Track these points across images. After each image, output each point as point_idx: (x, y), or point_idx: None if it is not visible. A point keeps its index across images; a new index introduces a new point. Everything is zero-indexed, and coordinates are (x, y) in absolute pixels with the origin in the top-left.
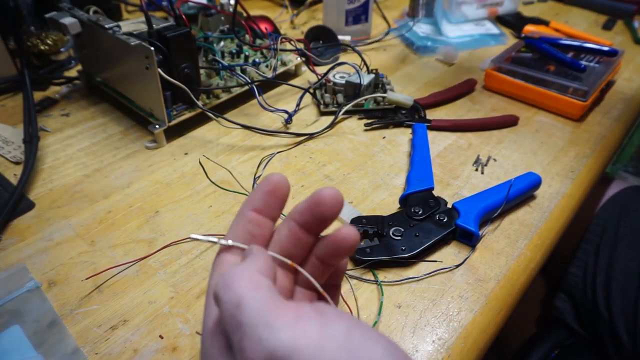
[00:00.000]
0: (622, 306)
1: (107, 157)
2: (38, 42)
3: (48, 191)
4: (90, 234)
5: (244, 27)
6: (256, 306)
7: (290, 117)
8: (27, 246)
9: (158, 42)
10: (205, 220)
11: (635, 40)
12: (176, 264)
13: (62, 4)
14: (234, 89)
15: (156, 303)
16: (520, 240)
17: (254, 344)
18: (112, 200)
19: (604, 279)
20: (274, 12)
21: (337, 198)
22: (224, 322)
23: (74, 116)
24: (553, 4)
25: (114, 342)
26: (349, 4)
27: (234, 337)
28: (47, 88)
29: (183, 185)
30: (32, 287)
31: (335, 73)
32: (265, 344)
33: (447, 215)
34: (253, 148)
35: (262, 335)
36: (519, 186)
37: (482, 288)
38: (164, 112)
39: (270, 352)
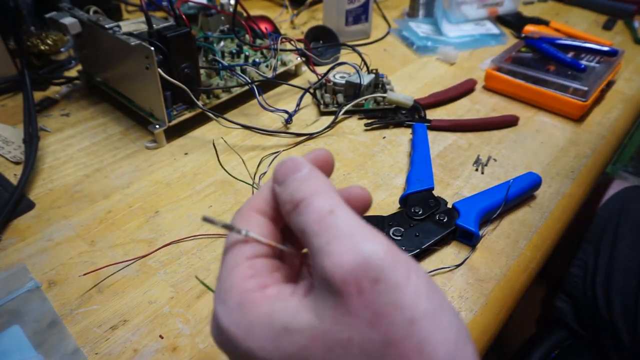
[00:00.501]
0: (622, 306)
1: (107, 157)
2: (38, 42)
3: (48, 191)
4: (91, 234)
5: (244, 27)
6: (352, 216)
7: (291, 117)
8: (27, 246)
9: (158, 42)
10: None
11: (635, 40)
12: (176, 264)
13: (62, 4)
14: (234, 89)
15: (156, 303)
16: (520, 240)
17: (348, 248)
18: (112, 200)
19: (604, 279)
20: (274, 12)
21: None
22: (303, 226)
23: (74, 116)
24: (553, 3)
25: (114, 342)
26: (349, 4)
27: (315, 239)
28: (47, 88)
29: (183, 185)
30: (32, 287)
31: (335, 73)
32: (363, 248)
33: (447, 215)
34: (253, 148)
35: (358, 240)
36: (519, 186)
37: (482, 288)
38: (164, 112)
39: (365, 258)
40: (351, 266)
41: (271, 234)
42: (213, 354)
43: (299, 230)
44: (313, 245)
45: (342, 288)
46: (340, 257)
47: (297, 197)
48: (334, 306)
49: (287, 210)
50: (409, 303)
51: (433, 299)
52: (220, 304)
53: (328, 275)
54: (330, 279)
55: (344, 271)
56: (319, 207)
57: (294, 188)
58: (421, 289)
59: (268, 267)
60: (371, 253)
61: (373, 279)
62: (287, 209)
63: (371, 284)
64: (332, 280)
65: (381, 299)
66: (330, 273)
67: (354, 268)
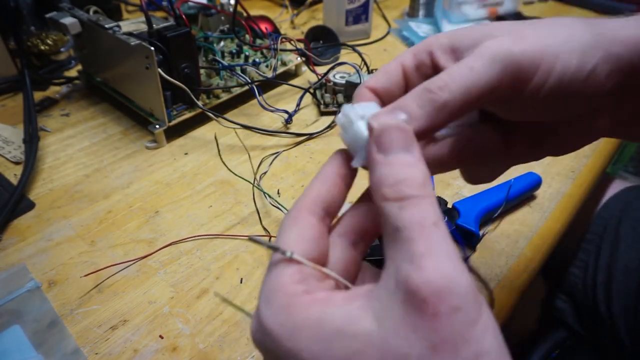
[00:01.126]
0: (623, 307)
1: (107, 157)
2: (38, 42)
3: (48, 191)
4: (91, 234)
5: (244, 27)
6: (448, 235)
7: (291, 117)
8: (27, 246)
9: (158, 42)
10: (206, 220)
11: None
12: (176, 264)
13: (62, 4)
14: (234, 89)
15: (156, 303)
16: (520, 241)
17: (441, 268)
18: (112, 200)
19: (605, 280)
20: (274, 12)
21: None
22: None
23: (74, 116)
24: (553, 3)
25: (114, 342)
26: (349, 4)
27: (411, 244)
28: (47, 88)
29: (183, 185)
30: (32, 287)
31: (335, 73)
32: (455, 275)
33: (447, 215)
34: (253, 148)
35: (452, 265)
36: (519, 186)
37: (483, 288)
38: (164, 112)
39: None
40: (439, 287)
41: (321, 236)
42: (213, 354)
43: (392, 223)
44: (406, 249)
45: (421, 305)
46: (431, 274)
47: (406, 192)
48: (403, 318)
49: (383, 193)
50: (477, 338)
51: (498, 340)
52: (264, 304)
53: (412, 287)
54: (413, 291)
55: (429, 289)
56: (426, 213)
57: (402, 174)
58: (490, 328)
59: (317, 274)
60: (460, 282)
61: (454, 306)
62: (385, 192)
63: (450, 311)
64: (415, 293)
65: (455, 328)
66: (415, 285)
67: (440, 290)
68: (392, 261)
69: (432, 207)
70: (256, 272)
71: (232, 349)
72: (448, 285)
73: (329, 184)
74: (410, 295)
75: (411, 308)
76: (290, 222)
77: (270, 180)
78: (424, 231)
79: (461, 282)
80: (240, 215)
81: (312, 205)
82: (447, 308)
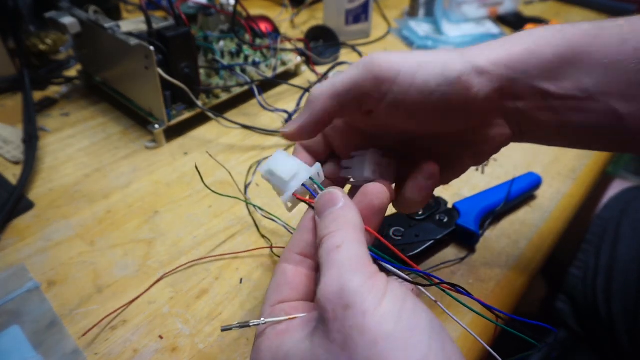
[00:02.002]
0: (623, 308)
1: (107, 157)
2: (37, 41)
3: (48, 191)
4: (90, 234)
5: (244, 27)
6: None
7: (291, 117)
8: (26, 246)
9: (158, 41)
10: (205, 220)
11: None
12: (176, 264)
13: (61, 4)
14: (233, 89)
15: (156, 303)
16: (520, 241)
17: (334, 277)
18: (112, 200)
19: (605, 280)
20: (273, 12)
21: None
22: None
23: (73, 116)
24: (553, 3)
25: (114, 342)
26: (349, 4)
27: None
28: (46, 88)
29: (183, 185)
30: (32, 288)
31: (335, 73)
32: (343, 278)
33: (447, 215)
34: (253, 148)
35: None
36: (520, 186)
37: (483, 288)
38: (164, 112)
39: (342, 286)
40: (331, 294)
41: (293, 277)
42: (213, 354)
43: (319, 261)
44: (320, 275)
45: (324, 314)
46: (326, 286)
47: (324, 233)
48: (322, 332)
49: (317, 243)
50: (373, 326)
51: (402, 322)
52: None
53: (317, 302)
54: (319, 305)
55: (325, 298)
56: (332, 242)
57: (326, 223)
58: (390, 312)
59: (286, 310)
60: (348, 282)
61: (344, 305)
62: (317, 242)
63: (343, 310)
64: (319, 307)
65: (348, 323)
66: (318, 300)
67: (332, 295)
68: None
69: (340, 234)
70: (256, 272)
71: (231, 349)
72: (337, 290)
73: (299, 230)
74: (319, 310)
75: (321, 320)
76: (274, 273)
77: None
78: (330, 255)
79: (350, 282)
80: (239, 215)
81: (287, 254)
82: (340, 308)
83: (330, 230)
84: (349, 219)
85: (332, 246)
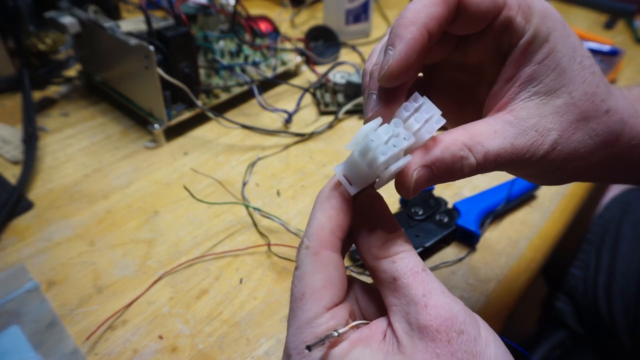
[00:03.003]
0: (623, 308)
1: (107, 157)
2: (37, 41)
3: (47, 191)
4: (90, 234)
5: (244, 27)
6: (434, 276)
7: (290, 117)
8: (26, 246)
9: (158, 41)
10: (205, 220)
11: (636, 39)
12: (176, 264)
13: (61, 4)
14: (233, 89)
15: (156, 303)
16: (520, 241)
17: (441, 303)
18: (112, 200)
19: (605, 281)
20: (273, 12)
21: None
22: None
23: (73, 116)
24: (554, 3)
25: (114, 343)
26: (349, 3)
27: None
28: (46, 88)
29: (184, 182)
30: (31, 288)
31: (335, 73)
32: (453, 306)
33: (447, 216)
34: (253, 148)
35: (448, 299)
36: (520, 186)
37: (483, 288)
38: (164, 112)
39: (454, 314)
40: (444, 318)
41: (343, 270)
42: (212, 354)
43: (389, 275)
44: (407, 294)
45: (436, 335)
46: (437, 310)
47: (395, 249)
48: (425, 351)
49: (375, 254)
50: (482, 351)
51: (498, 346)
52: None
53: (424, 323)
54: (427, 326)
55: (438, 322)
56: (414, 262)
57: (388, 236)
58: (490, 339)
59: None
60: (458, 310)
61: (459, 331)
62: (378, 253)
63: (457, 335)
64: (429, 328)
65: (463, 348)
66: (427, 321)
67: (446, 320)
68: (396, 307)
69: (417, 258)
70: (256, 272)
71: (231, 349)
72: (450, 315)
73: (338, 211)
74: (426, 331)
75: (430, 340)
76: (316, 262)
77: (269, 180)
78: (417, 276)
79: (459, 310)
80: (239, 215)
81: (330, 237)
82: (455, 333)
83: (400, 249)
84: (410, 241)
85: (417, 267)
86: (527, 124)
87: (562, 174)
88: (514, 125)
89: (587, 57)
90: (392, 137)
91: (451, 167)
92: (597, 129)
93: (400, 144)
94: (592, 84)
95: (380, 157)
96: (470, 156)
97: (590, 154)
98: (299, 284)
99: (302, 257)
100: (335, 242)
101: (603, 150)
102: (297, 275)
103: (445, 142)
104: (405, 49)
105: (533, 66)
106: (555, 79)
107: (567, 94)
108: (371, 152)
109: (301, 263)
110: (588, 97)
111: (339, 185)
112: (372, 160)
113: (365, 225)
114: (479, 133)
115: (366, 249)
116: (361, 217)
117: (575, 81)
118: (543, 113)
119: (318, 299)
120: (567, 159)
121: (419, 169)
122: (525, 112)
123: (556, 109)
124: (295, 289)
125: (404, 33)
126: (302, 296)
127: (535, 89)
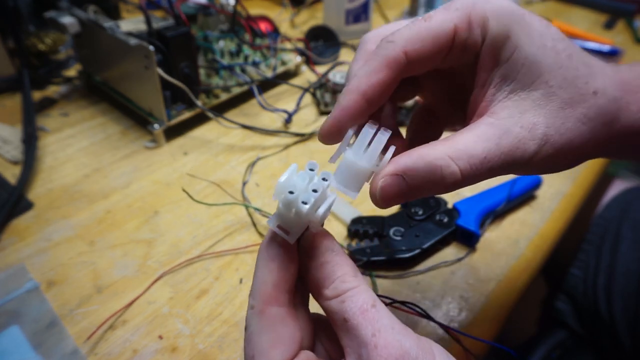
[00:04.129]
0: (623, 308)
1: (107, 157)
2: (37, 41)
3: (47, 191)
4: (90, 234)
5: (244, 27)
6: (387, 310)
7: (290, 117)
8: (26, 246)
9: (157, 41)
10: (205, 220)
11: (636, 39)
12: (176, 264)
13: (61, 3)
14: (233, 89)
15: (156, 303)
16: (520, 241)
17: (391, 341)
18: (112, 200)
19: (605, 281)
20: (273, 12)
21: None
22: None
23: (73, 116)
24: (553, 3)
25: (114, 343)
26: (349, 3)
27: (360, 330)
28: (45, 88)
29: (182, 185)
30: (31, 288)
31: (335, 73)
32: (404, 343)
33: (447, 216)
34: (253, 148)
35: (398, 336)
36: (520, 186)
37: (483, 288)
38: (164, 112)
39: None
40: (395, 358)
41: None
42: (212, 354)
43: (340, 316)
44: (357, 334)
45: None
46: (387, 350)
47: (343, 287)
48: None
49: (324, 294)
50: None
51: None
52: None
53: None
54: None
55: None
56: (363, 299)
57: (334, 273)
58: None
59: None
60: (409, 347)
61: None
62: (326, 293)
63: None
64: None
65: None
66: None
67: (397, 358)
68: (350, 349)
69: (367, 293)
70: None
71: (231, 349)
72: (402, 352)
73: (280, 263)
74: None
75: None
76: (261, 322)
77: (269, 180)
78: (366, 315)
79: (411, 346)
80: (238, 215)
81: (274, 292)
82: None
83: (347, 287)
84: (359, 272)
85: (365, 304)
86: (509, 122)
87: (567, 161)
88: (496, 127)
89: (559, 39)
90: (310, 182)
91: (429, 176)
92: (588, 112)
93: (321, 186)
94: (570, 67)
95: (303, 207)
96: (452, 164)
97: (588, 139)
98: (247, 346)
99: (249, 318)
100: (281, 295)
101: (603, 130)
102: (245, 338)
103: (419, 151)
104: (337, 114)
105: (502, 66)
106: (528, 72)
107: (544, 84)
108: (293, 203)
109: (248, 324)
110: (569, 82)
111: (277, 236)
112: (297, 212)
113: (311, 266)
114: (461, 141)
115: (316, 291)
116: (307, 259)
117: (551, 68)
118: (524, 108)
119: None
120: (563, 149)
121: (386, 178)
122: (506, 112)
123: (536, 102)
124: (245, 351)
125: (341, 99)
126: (252, 359)
127: (510, 87)
